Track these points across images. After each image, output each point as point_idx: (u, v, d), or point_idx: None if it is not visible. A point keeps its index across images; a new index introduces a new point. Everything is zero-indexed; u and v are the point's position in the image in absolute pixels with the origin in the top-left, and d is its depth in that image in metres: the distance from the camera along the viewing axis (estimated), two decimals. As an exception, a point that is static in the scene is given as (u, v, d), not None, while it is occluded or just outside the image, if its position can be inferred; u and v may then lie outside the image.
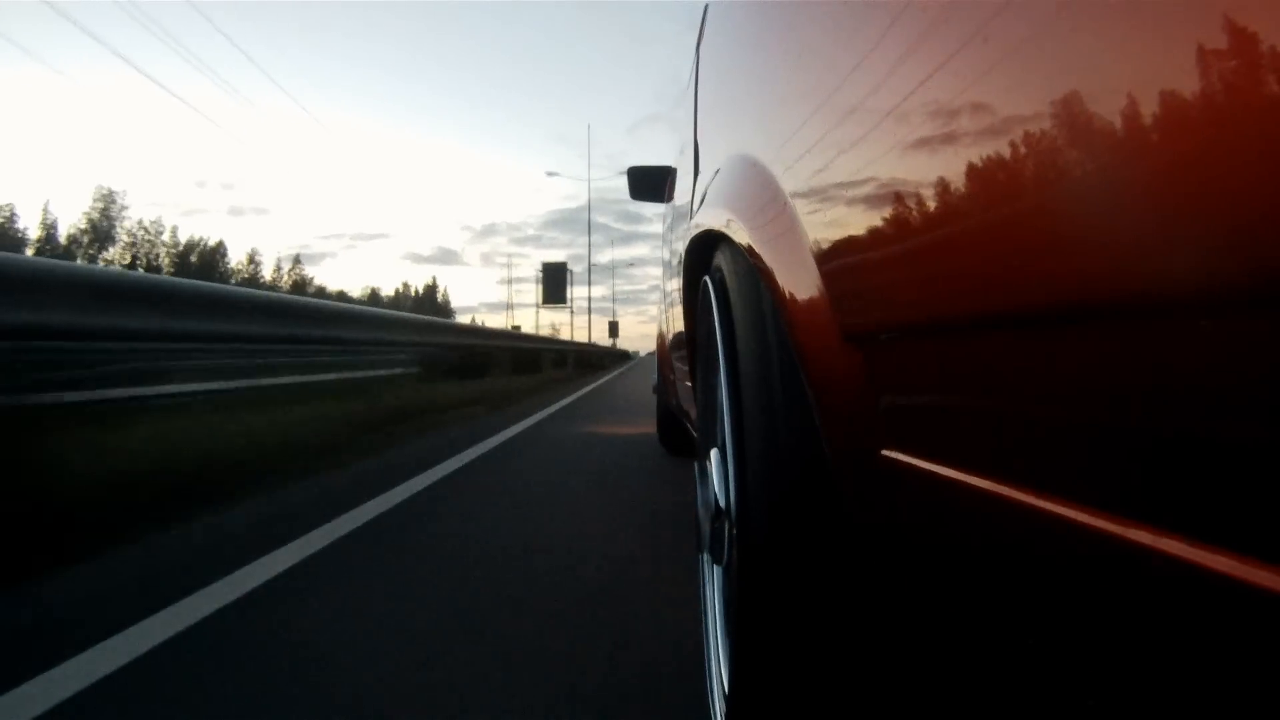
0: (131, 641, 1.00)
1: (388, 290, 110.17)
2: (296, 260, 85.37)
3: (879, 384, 0.37)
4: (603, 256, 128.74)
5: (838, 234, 0.40)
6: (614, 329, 36.52)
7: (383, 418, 3.50)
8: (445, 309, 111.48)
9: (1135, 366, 0.21)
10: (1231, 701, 0.19)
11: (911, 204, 0.32)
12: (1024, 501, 0.26)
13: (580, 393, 7.08)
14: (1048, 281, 0.23)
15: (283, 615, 1.11)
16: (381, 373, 4.94)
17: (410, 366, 5.25)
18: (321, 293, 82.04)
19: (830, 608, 0.47)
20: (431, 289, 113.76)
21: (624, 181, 2.48)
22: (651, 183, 2.35)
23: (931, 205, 0.30)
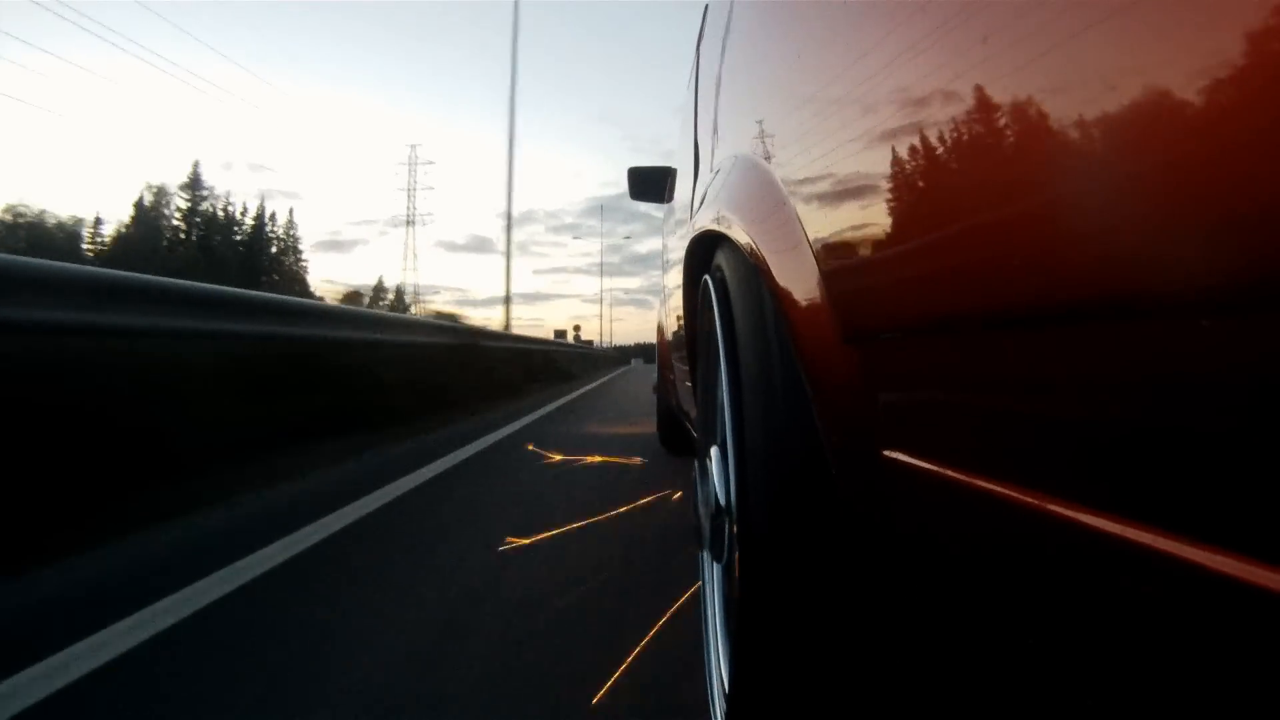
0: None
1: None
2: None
3: (879, 384, 0.37)
4: (642, 247, 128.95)
5: (837, 234, 0.40)
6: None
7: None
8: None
9: (1134, 366, 0.21)
10: (1231, 701, 0.19)
11: (911, 205, 0.32)
12: (1025, 502, 0.26)
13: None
14: (1047, 282, 0.23)
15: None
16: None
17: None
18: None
19: (830, 607, 0.47)
20: (259, 222, 51.07)
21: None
22: (652, 183, 2.34)
23: (931, 206, 0.30)
